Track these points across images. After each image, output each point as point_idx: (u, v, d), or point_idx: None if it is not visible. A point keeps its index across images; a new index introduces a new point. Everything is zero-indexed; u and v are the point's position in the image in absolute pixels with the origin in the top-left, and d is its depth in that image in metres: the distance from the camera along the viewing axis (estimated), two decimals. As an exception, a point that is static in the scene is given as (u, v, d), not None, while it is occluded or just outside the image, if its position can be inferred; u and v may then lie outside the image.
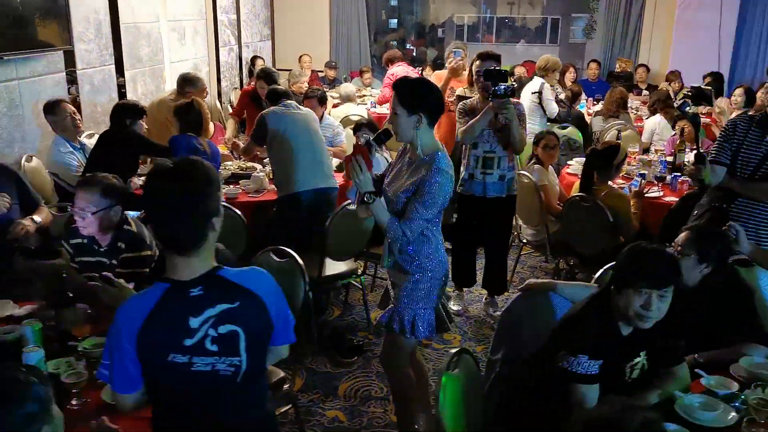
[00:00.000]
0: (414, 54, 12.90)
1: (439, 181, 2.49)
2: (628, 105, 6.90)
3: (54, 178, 4.32)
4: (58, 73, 4.94)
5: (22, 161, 4.45)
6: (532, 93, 6.00)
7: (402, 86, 2.58)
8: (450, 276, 4.36)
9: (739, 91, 6.54)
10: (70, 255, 2.76)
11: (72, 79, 5.19)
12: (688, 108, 3.80)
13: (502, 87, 3.63)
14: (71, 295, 2.42)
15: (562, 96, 6.25)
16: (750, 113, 3.19)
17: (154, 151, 4.49)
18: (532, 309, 2.57)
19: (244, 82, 8.84)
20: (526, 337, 2.52)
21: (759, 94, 6.13)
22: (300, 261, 2.92)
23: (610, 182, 4.05)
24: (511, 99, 3.78)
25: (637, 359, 2.14)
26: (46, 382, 1.46)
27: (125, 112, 4.36)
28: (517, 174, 4.16)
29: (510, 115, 3.72)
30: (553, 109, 5.86)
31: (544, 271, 5.11)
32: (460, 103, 4.06)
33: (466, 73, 5.27)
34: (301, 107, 4.24)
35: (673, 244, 2.49)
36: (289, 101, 4.18)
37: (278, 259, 2.95)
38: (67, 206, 3.54)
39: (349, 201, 3.73)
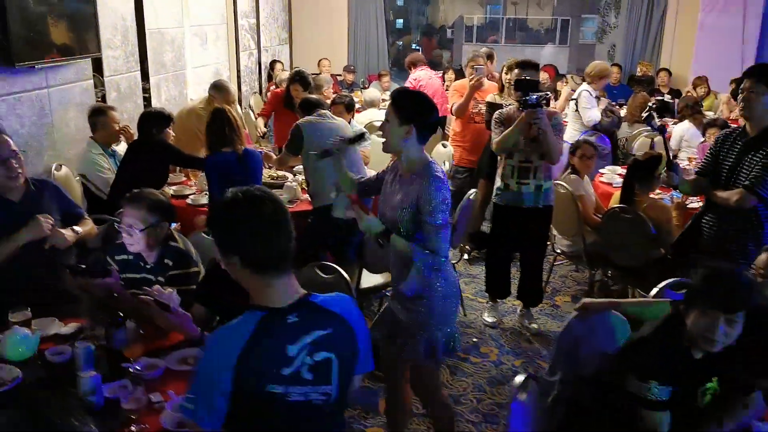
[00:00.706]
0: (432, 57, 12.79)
1: (436, 187, 2.41)
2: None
3: (83, 179, 4.30)
4: (87, 80, 4.91)
5: (52, 169, 4.42)
6: (570, 100, 5.90)
7: (401, 95, 2.53)
8: (485, 286, 4.39)
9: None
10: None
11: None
12: (654, 120, 3.74)
13: (534, 97, 3.57)
14: (122, 314, 2.37)
15: (604, 103, 5.84)
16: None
17: (183, 160, 4.46)
18: (589, 329, 2.51)
19: (263, 86, 8.81)
20: (585, 357, 2.47)
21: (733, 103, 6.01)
22: (346, 276, 2.86)
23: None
24: (549, 108, 3.72)
25: (710, 384, 2.08)
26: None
27: (152, 120, 4.31)
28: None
29: (543, 125, 3.65)
30: (591, 116, 5.64)
31: (576, 280, 5.04)
32: (496, 112, 4.00)
33: (487, 82, 5.22)
34: (335, 117, 4.19)
35: (753, 266, 2.43)
36: (323, 111, 4.13)
37: (324, 275, 2.90)
38: (105, 218, 3.49)
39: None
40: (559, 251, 4.58)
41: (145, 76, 5.78)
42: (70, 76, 4.69)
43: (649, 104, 3.49)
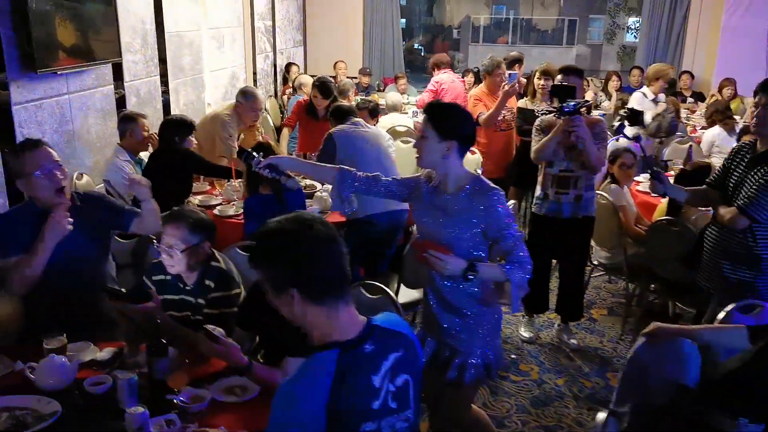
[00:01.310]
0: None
1: (499, 200, 2.32)
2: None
3: (106, 186, 4.17)
4: (107, 86, 4.77)
5: (74, 179, 4.29)
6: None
7: (436, 109, 2.39)
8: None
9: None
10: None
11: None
12: (625, 129, 3.59)
13: (572, 104, 3.41)
14: (165, 341, 2.23)
15: (660, 106, 5.58)
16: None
17: (206, 169, 4.33)
18: (658, 355, 2.35)
19: (279, 89, 8.67)
20: (654, 387, 2.32)
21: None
22: (394, 297, 2.72)
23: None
24: (592, 116, 3.58)
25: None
26: None
27: (174, 128, 4.19)
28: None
29: (582, 133, 3.50)
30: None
31: (610, 292, 4.90)
32: (537, 120, 3.85)
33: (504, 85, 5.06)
34: (369, 125, 4.04)
35: None
36: (356, 119, 3.99)
37: (370, 296, 2.76)
38: (139, 236, 3.35)
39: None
40: (596, 263, 4.43)
41: (164, 80, 5.64)
42: (90, 81, 4.55)
43: (620, 112, 3.26)
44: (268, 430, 1.47)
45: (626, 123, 3.74)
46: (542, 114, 4.80)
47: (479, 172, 5.29)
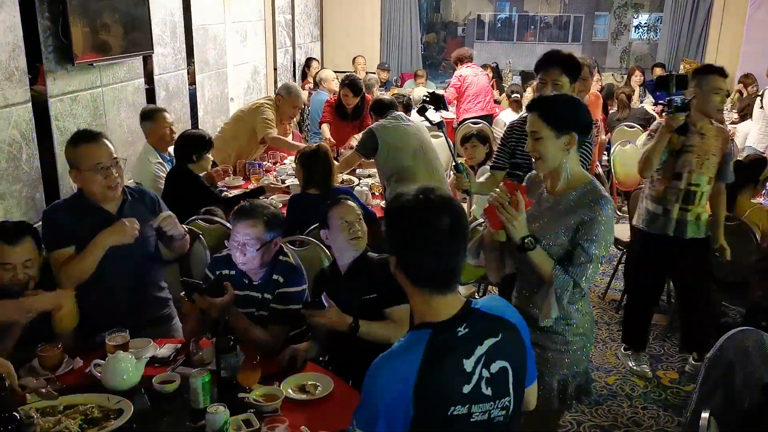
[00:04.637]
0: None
1: (610, 213, 2.07)
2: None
3: (138, 186, 4.04)
4: (138, 79, 4.69)
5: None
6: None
7: (544, 104, 2.14)
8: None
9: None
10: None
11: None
12: (430, 112, 3.17)
13: (678, 99, 2.98)
14: (233, 337, 2.15)
15: None
16: None
17: (213, 200, 3.88)
18: (744, 352, 2.27)
19: (298, 84, 8.58)
20: (741, 386, 2.23)
21: None
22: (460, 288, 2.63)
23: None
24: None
25: None
26: None
27: (191, 145, 3.85)
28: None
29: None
30: None
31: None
32: (654, 123, 3.49)
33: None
34: (410, 119, 3.96)
35: None
36: (397, 113, 3.90)
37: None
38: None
39: (478, 221, 3.42)
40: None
41: (190, 74, 5.56)
42: (123, 74, 4.47)
43: (423, 96, 3.01)
44: (359, 403, 1.48)
45: (428, 106, 3.04)
46: None
47: None
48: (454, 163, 2.72)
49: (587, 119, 2.14)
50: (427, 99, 2.83)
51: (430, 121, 2.80)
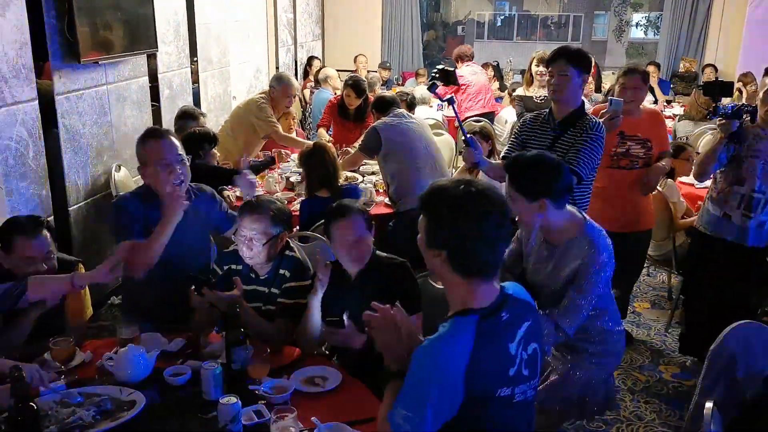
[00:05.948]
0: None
1: (602, 262, 2.16)
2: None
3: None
4: (142, 77, 4.72)
5: (112, 171, 4.24)
6: None
7: (516, 167, 2.20)
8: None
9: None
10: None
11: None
12: (439, 88, 3.26)
13: (729, 106, 2.95)
14: (243, 330, 2.18)
15: None
16: None
17: (226, 177, 3.77)
18: (745, 345, 2.30)
19: (299, 83, 8.60)
20: (743, 378, 2.26)
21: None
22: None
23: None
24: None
25: None
26: None
27: (198, 141, 3.80)
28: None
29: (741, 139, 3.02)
30: None
31: (650, 285, 4.84)
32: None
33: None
34: (412, 116, 3.99)
35: None
36: (399, 110, 3.93)
37: (439, 286, 2.70)
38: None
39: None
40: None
41: (194, 72, 5.59)
42: (127, 72, 4.50)
43: (432, 72, 2.91)
44: (404, 387, 1.49)
45: (438, 82, 3.18)
46: (541, 101, 4.58)
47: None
48: (464, 137, 2.87)
49: (560, 187, 2.15)
50: (437, 75, 2.87)
51: (440, 98, 2.88)
